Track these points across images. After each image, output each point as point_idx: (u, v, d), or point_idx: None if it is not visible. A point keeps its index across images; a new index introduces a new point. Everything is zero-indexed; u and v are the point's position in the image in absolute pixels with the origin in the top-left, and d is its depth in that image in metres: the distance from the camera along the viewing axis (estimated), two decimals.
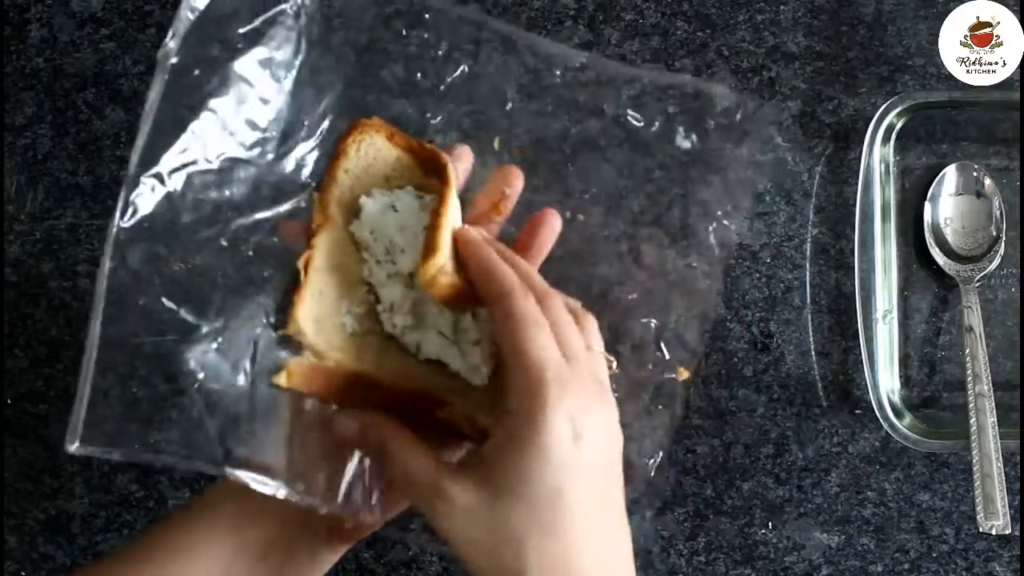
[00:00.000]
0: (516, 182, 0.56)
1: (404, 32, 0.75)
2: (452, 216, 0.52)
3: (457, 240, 0.51)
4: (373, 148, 0.55)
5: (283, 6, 0.57)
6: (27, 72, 0.74)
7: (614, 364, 0.56)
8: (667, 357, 0.62)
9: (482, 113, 0.74)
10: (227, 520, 0.53)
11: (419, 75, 0.75)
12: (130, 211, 0.49)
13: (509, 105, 0.67)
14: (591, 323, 0.55)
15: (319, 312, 0.50)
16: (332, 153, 0.54)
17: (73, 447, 0.47)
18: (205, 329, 0.51)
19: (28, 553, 0.72)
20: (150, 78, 0.73)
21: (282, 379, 0.49)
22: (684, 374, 0.69)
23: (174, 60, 0.50)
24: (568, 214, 0.62)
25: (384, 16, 0.75)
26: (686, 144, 0.62)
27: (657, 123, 0.63)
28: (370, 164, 0.54)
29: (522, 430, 0.47)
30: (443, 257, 0.49)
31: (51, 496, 0.72)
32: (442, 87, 0.74)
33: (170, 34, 0.50)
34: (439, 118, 0.74)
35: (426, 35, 0.74)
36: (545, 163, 0.65)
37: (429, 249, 0.49)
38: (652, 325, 0.71)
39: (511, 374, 0.49)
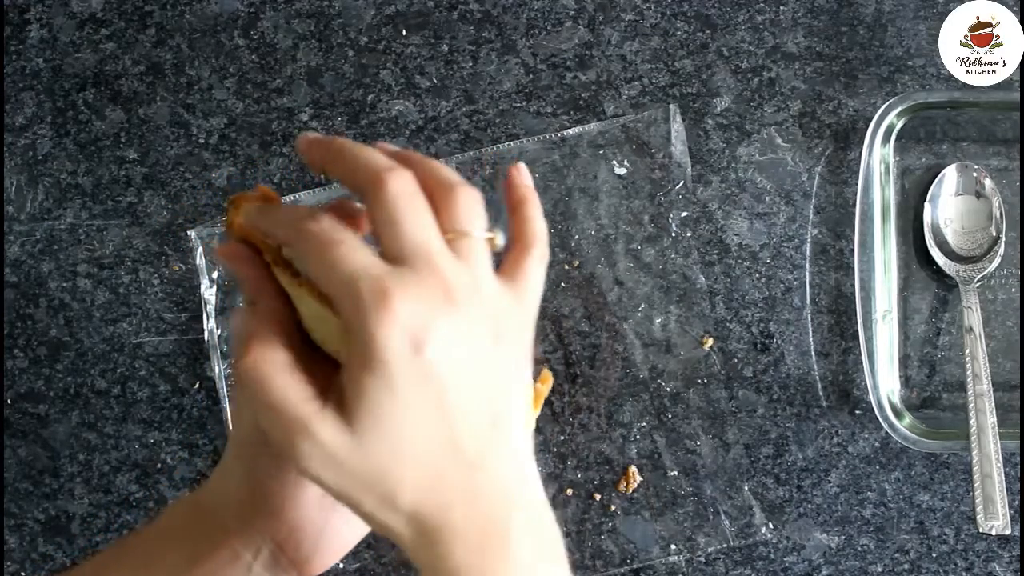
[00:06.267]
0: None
1: (404, 32, 0.75)
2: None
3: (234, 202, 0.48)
4: None
5: None
6: (27, 72, 0.74)
7: (497, 240, 0.46)
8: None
9: (482, 113, 0.74)
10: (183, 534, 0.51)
11: (419, 75, 0.75)
12: None
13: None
14: (462, 199, 0.45)
15: None
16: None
17: None
18: None
19: (28, 553, 0.72)
20: (150, 78, 0.73)
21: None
22: (708, 342, 0.70)
23: None
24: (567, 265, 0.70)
25: (384, 16, 0.75)
26: (621, 171, 0.72)
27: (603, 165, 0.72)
28: None
29: (355, 358, 0.41)
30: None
31: (51, 496, 0.72)
32: (442, 87, 0.74)
33: None
34: (439, 118, 0.74)
35: (426, 35, 0.74)
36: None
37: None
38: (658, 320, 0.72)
39: (333, 303, 0.42)
